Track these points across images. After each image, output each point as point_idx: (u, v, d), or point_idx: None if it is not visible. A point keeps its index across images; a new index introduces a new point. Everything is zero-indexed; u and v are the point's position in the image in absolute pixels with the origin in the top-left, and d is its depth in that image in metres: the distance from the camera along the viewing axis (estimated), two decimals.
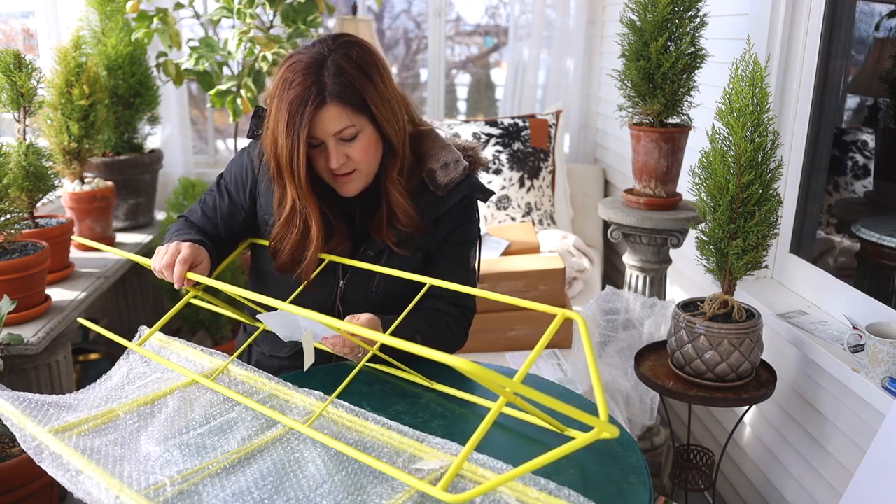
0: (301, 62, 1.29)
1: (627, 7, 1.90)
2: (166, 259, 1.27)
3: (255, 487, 0.97)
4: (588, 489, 1.02)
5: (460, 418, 1.22)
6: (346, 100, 1.27)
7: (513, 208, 3.03)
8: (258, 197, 1.48)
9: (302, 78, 1.27)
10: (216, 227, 1.49)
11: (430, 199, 1.42)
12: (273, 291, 1.38)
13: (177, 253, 1.27)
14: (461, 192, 1.43)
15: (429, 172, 1.42)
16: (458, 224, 1.48)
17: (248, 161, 1.49)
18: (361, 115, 1.30)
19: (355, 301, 1.45)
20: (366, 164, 1.34)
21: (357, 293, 1.46)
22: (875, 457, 1.42)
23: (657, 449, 2.24)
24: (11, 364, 1.81)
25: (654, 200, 1.98)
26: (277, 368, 1.54)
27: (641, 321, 2.02)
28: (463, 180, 1.43)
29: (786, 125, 2.01)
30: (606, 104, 3.33)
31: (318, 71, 1.27)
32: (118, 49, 2.57)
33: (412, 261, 1.45)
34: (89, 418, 1.10)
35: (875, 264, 2.01)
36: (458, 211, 1.47)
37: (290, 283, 1.43)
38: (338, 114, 1.28)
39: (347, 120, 1.29)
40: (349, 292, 1.46)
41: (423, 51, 3.70)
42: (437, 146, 1.45)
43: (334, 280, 1.45)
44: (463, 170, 1.42)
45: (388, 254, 1.43)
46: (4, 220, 1.83)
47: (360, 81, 1.29)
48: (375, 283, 1.45)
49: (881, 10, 2.02)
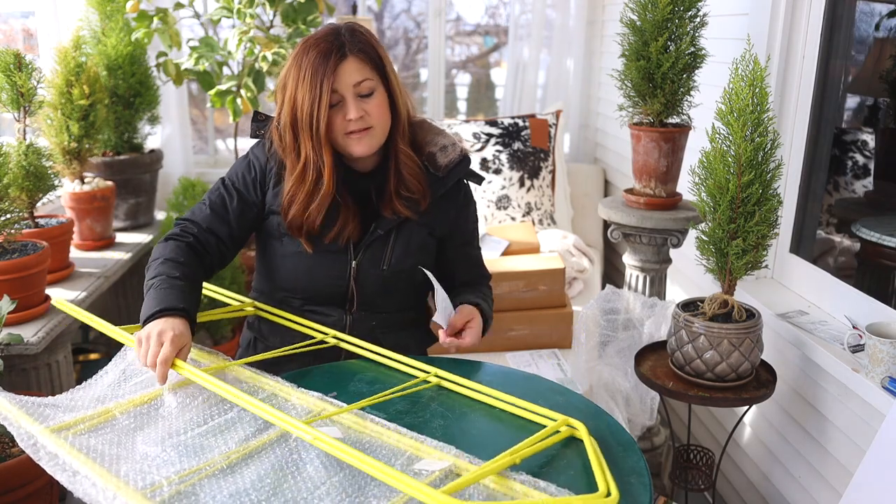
0: (317, 34, 1.43)
1: (627, 7, 1.90)
2: (150, 359, 1.23)
3: (253, 489, 0.97)
4: (588, 490, 1.02)
5: (460, 418, 1.22)
6: (364, 54, 1.42)
7: (513, 208, 3.03)
8: (267, 190, 1.53)
9: (321, 42, 1.40)
10: (228, 224, 1.52)
11: (432, 180, 1.53)
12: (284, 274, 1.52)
13: (158, 349, 1.23)
14: (460, 172, 1.54)
15: (429, 156, 1.54)
16: (461, 208, 1.61)
17: (253, 159, 1.56)
18: (377, 73, 1.43)
19: (368, 280, 1.52)
20: (380, 121, 1.44)
21: (370, 273, 1.52)
22: (875, 457, 1.42)
23: (657, 449, 2.23)
24: (11, 364, 1.81)
25: (654, 200, 1.98)
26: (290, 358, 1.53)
27: (641, 321, 2.02)
28: (461, 161, 1.53)
29: (786, 125, 2.01)
30: (606, 104, 3.33)
31: (336, 35, 1.42)
32: (118, 49, 2.56)
33: (420, 236, 1.54)
34: (85, 418, 1.10)
35: (875, 264, 2.01)
36: (457, 195, 1.59)
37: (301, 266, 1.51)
38: (358, 66, 1.41)
39: (368, 72, 1.41)
40: (362, 272, 1.52)
41: (423, 51, 3.70)
42: (433, 133, 1.56)
43: (347, 260, 1.51)
44: (460, 152, 1.54)
45: (398, 231, 1.52)
46: (4, 220, 1.83)
47: (374, 43, 1.45)
48: (387, 262, 1.52)
49: (881, 10, 2.02)
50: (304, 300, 1.55)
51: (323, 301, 1.54)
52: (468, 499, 0.95)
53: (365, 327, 1.55)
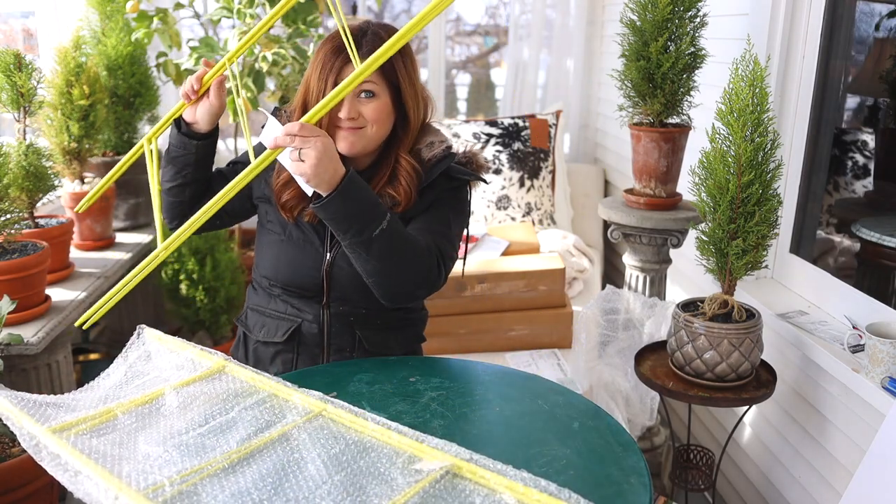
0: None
1: (627, 7, 1.90)
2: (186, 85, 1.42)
3: (255, 488, 0.97)
4: (588, 490, 1.02)
5: (460, 418, 1.22)
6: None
7: (513, 208, 3.03)
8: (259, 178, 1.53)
9: (338, 38, 1.41)
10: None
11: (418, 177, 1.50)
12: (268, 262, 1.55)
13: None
14: (442, 166, 1.49)
15: (414, 152, 1.51)
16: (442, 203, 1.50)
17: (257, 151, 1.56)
18: (384, 80, 1.43)
19: (342, 274, 1.50)
20: (374, 126, 1.43)
21: (344, 266, 1.49)
22: (875, 457, 1.42)
23: (657, 449, 2.24)
24: (11, 364, 1.81)
25: (654, 200, 1.98)
26: (274, 354, 1.57)
27: (641, 321, 2.02)
28: (445, 157, 1.49)
29: (786, 125, 2.01)
30: (606, 104, 3.33)
31: (356, 35, 1.44)
32: (118, 49, 2.56)
33: None
34: (87, 418, 1.10)
35: (875, 264, 2.01)
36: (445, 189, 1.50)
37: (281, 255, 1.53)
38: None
39: (372, 76, 1.40)
40: (336, 266, 1.50)
41: (424, 51, 3.70)
42: (430, 134, 1.55)
43: (322, 252, 1.51)
44: (445, 148, 1.50)
45: None
46: (4, 220, 1.83)
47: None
48: None
49: (881, 10, 2.02)
50: (283, 290, 1.55)
51: (300, 294, 1.54)
52: (466, 496, 0.95)
53: (343, 323, 1.53)
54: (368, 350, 1.55)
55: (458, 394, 1.31)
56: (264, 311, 1.58)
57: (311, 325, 1.53)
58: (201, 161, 1.52)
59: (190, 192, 1.54)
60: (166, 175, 1.54)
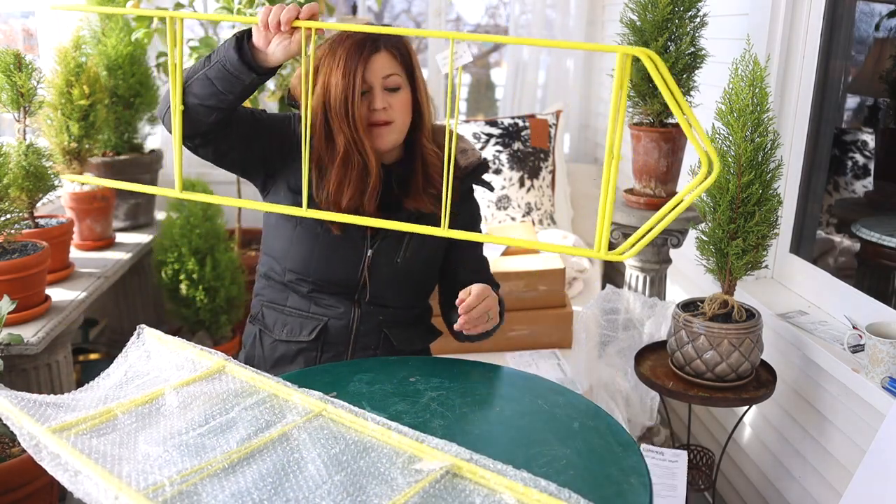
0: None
1: (627, 7, 1.90)
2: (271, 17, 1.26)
3: (255, 488, 0.97)
4: (588, 490, 1.02)
5: (460, 418, 1.22)
6: (396, 50, 1.47)
7: (513, 208, 3.03)
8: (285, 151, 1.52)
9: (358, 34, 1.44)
10: (254, 115, 1.53)
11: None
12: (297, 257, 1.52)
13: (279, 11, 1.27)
14: (479, 174, 1.60)
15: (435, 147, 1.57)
16: (471, 210, 1.66)
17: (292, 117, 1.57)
18: (405, 71, 1.48)
19: (381, 272, 1.54)
20: (401, 117, 1.48)
21: (384, 264, 1.53)
22: (875, 457, 1.42)
23: None
24: (11, 364, 1.81)
25: (654, 200, 1.98)
26: (296, 352, 1.55)
27: (641, 321, 2.02)
28: (479, 165, 1.60)
29: (786, 125, 2.01)
30: (606, 104, 3.33)
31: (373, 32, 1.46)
32: (118, 49, 2.56)
33: None
34: (87, 418, 1.10)
35: (875, 264, 2.02)
36: (468, 199, 1.64)
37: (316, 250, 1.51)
38: (389, 60, 1.46)
39: (397, 68, 1.46)
40: (376, 263, 1.53)
41: (424, 51, 3.70)
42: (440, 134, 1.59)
43: (363, 249, 1.52)
44: (479, 157, 1.60)
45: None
46: (4, 220, 1.83)
47: (407, 44, 1.51)
48: (402, 255, 1.54)
49: (881, 10, 2.02)
50: (314, 287, 1.53)
51: (332, 291, 1.53)
52: (466, 496, 0.95)
53: (372, 322, 1.55)
54: (395, 346, 1.57)
55: (458, 394, 1.31)
56: (283, 308, 1.56)
57: (339, 322, 1.53)
58: (247, 91, 1.39)
59: (217, 118, 1.39)
60: (202, 89, 1.36)
